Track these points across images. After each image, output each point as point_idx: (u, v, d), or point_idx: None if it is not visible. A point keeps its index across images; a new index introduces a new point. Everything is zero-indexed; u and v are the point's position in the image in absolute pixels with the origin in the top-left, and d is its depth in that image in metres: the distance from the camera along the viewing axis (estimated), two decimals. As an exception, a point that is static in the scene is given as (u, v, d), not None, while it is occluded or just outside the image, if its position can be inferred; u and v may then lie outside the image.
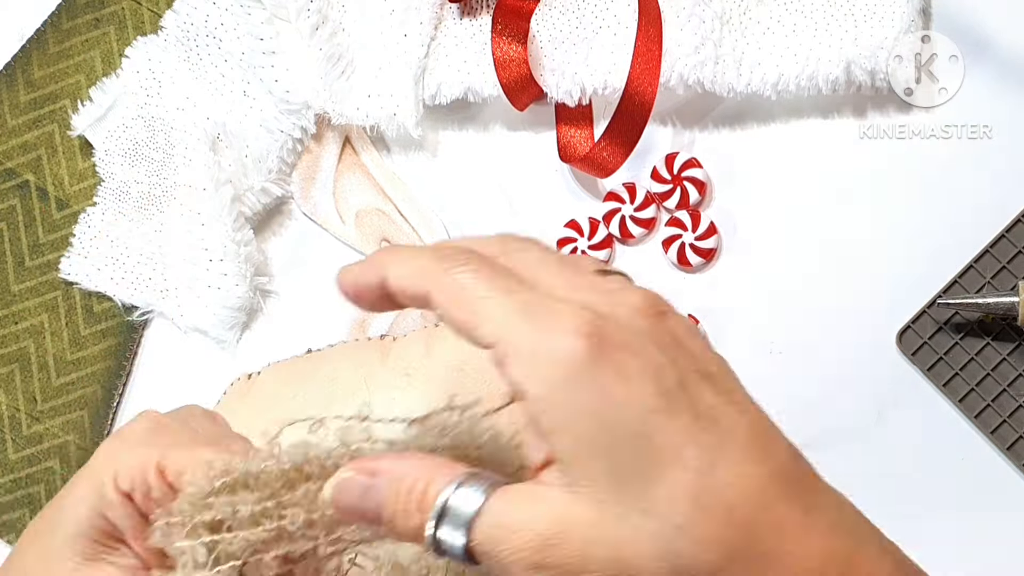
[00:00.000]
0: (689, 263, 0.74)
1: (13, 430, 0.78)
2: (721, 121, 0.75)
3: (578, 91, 0.74)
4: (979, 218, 0.72)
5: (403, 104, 0.75)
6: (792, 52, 0.72)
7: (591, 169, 0.74)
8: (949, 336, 0.72)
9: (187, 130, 0.77)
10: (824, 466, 0.72)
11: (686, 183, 0.74)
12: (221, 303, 0.75)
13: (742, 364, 0.73)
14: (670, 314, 0.43)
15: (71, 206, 0.79)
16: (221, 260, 0.75)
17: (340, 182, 0.77)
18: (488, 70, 0.74)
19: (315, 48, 0.75)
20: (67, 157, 0.79)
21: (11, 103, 0.80)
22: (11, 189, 0.80)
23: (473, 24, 0.76)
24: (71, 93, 0.80)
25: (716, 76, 0.72)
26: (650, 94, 0.71)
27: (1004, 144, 0.73)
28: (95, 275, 0.78)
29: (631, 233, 0.75)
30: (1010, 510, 0.70)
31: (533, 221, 0.76)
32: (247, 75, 0.77)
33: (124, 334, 0.78)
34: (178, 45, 0.78)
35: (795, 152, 0.74)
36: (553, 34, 0.75)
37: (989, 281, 0.72)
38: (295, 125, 0.76)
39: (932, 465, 0.71)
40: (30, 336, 0.78)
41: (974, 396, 0.71)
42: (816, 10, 0.73)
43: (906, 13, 0.72)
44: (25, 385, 0.78)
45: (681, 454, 0.40)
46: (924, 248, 0.73)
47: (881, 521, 0.73)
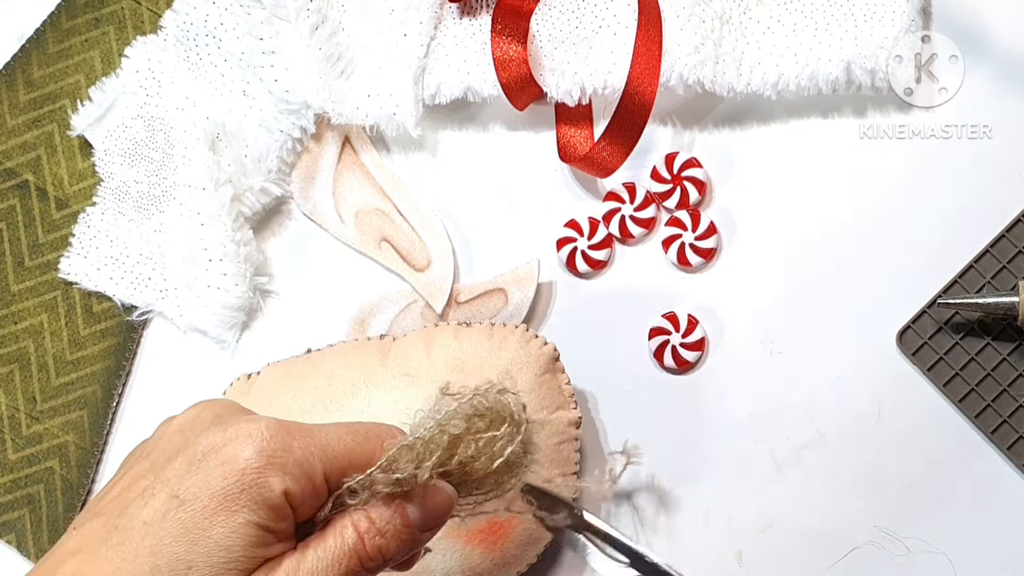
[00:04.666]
0: (689, 263, 0.74)
1: (13, 430, 0.78)
2: (721, 121, 0.75)
3: (578, 91, 0.74)
4: (979, 218, 0.72)
5: (403, 104, 0.75)
6: (792, 52, 0.72)
7: (591, 169, 0.74)
8: (949, 336, 0.72)
9: (187, 130, 0.77)
10: (824, 466, 0.73)
11: (686, 183, 0.74)
12: (221, 303, 0.75)
13: (742, 364, 0.73)
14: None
15: (71, 206, 0.79)
16: (221, 260, 0.75)
17: (339, 182, 0.77)
18: (488, 70, 0.74)
19: (314, 48, 0.75)
20: (67, 157, 0.79)
21: (11, 103, 0.80)
22: (11, 189, 0.80)
23: (473, 24, 0.76)
24: (71, 93, 0.80)
25: (716, 76, 0.72)
26: (650, 94, 0.71)
27: (1004, 144, 0.73)
28: (95, 275, 0.78)
29: (631, 233, 0.75)
30: (1010, 510, 0.70)
31: (533, 221, 0.76)
32: (247, 75, 0.77)
33: (124, 334, 0.78)
34: (178, 45, 0.78)
35: (795, 152, 0.74)
36: (553, 34, 0.75)
37: (989, 281, 0.72)
38: (294, 125, 0.76)
39: (932, 465, 0.71)
40: (30, 336, 0.78)
41: (974, 396, 0.71)
42: (816, 10, 0.73)
43: (906, 13, 0.72)
44: (25, 385, 0.78)
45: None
46: (924, 248, 0.73)
47: (881, 521, 0.74)
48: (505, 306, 0.74)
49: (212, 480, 0.46)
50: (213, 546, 0.46)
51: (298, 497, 0.47)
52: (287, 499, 0.47)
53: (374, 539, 0.49)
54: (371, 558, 0.49)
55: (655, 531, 0.73)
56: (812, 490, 0.72)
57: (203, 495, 0.46)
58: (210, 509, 0.46)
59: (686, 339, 0.73)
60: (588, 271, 0.75)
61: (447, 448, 0.50)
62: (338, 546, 0.48)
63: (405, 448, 0.50)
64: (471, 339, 0.71)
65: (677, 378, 0.74)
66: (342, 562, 0.48)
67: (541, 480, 0.69)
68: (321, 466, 0.48)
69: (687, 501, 0.73)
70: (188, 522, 0.46)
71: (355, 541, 0.49)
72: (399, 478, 0.49)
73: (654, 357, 0.74)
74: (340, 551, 0.48)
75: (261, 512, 0.46)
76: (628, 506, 0.73)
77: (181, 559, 0.46)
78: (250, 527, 0.46)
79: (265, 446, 0.47)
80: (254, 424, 0.48)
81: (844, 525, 0.71)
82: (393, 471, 0.49)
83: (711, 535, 0.72)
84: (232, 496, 0.46)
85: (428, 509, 0.50)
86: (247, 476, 0.46)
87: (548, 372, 0.71)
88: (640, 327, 0.74)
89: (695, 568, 0.72)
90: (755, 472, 0.72)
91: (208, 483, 0.46)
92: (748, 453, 0.73)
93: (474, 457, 0.51)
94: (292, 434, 0.48)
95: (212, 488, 0.46)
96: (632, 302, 0.74)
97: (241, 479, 0.46)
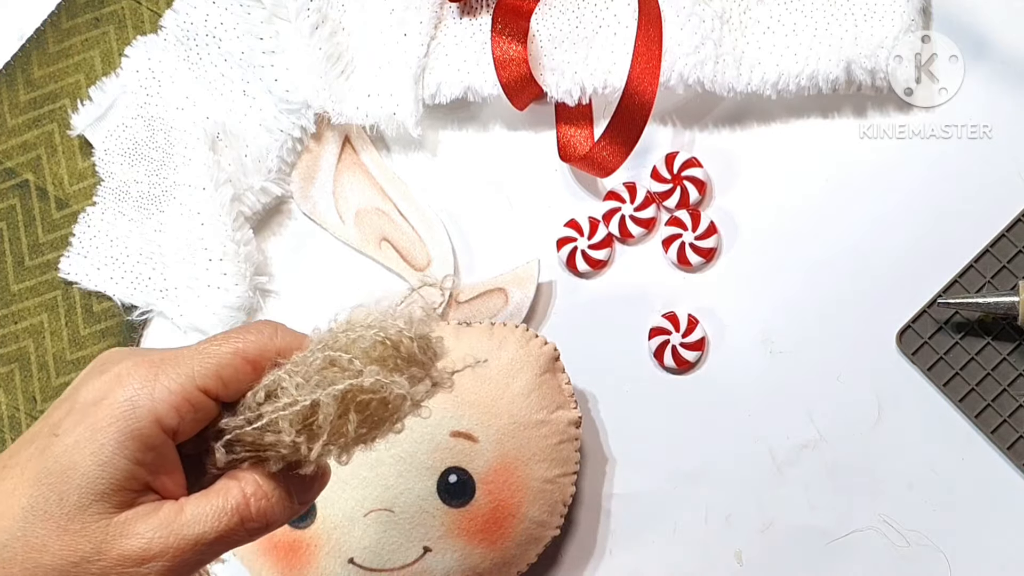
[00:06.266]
0: (689, 263, 0.74)
1: (13, 430, 0.78)
2: (721, 121, 0.75)
3: (578, 91, 0.74)
4: (979, 218, 0.72)
5: (403, 103, 0.75)
6: (792, 52, 0.72)
7: (591, 168, 0.74)
8: (949, 336, 0.72)
9: (187, 130, 0.77)
10: (824, 465, 0.73)
11: (686, 183, 0.74)
12: (221, 303, 0.75)
13: (742, 364, 0.73)
14: None
15: (71, 206, 0.79)
16: (221, 260, 0.75)
17: (340, 181, 0.77)
18: (488, 69, 0.74)
19: (315, 47, 0.75)
20: (67, 157, 0.79)
21: (11, 103, 0.80)
22: (11, 189, 0.80)
23: (473, 23, 0.76)
24: (71, 93, 0.80)
25: (716, 75, 0.72)
26: (650, 94, 0.71)
27: (1004, 144, 0.73)
28: (95, 275, 0.78)
29: (631, 233, 0.75)
30: (1010, 510, 0.70)
31: (533, 221, 0.76)
32: (247, 75, 0.77)
33: (124, 334, 0.78)
34: (178, 45, 0.78)
35: (795, 152, 0.74)
36: (553, 33, 0.75)
37: (989, 281, 0.72)
38: (295, 124, 0.76)
39: (932, 465, 0.71)
40: (30, 336, 0.78)
41: (974, 396, 0.71)
42: (816, 10, 0.73)
43: (906, 13, 0.72)
44: (25, 385, 0.78)
45: None
46: (924, 248, 0.73)
47: (881, 520, 0.74)
48: (505, 306, 0.74)
49: (85, 418, 0.48)
50: (82, 478, 0.48)
51: (172, 418, 0.49)
52: (159, 427, 0.49)
53: (260, 502, 0.50)
54: (254, 519, 0.50)
55: (655, 531, 0.73)
56: (812, 490, 0.72)
57: (76, 431, 0.48)
58: (81, 443, 0.48)
59: (686, 339, 0.73)
60: (588, 271, 0.75)
61: (338, 414, 0.49)
62: (222, 503, 0.50)
63: (286, 374, 0.50)
64: (471, 339, 0.71)
65: (677, 378, 0.74)
66: (222, 518, 0.49)
67: (541, 480, 0.69)
68: (195, 384, 0.49)
69: (687, 501, 0.73)
70: (61, 456, 0.48)
71: (239, 501, 0.50)
72: (286, 454, 0.49)
73: (654, 357, 0.74)
74: (223, 508, 0.49)
75: (129, 444, 0.48)
76: (628, 506, 0.73)
77: (54, 489, 0.48)
78: (118, 459, 0.48)
79: (130, 381, 0.49)
80: (123, 364, 0.50)
81: (844, 525, 0.71)
82: (270, 395, 0.50)
83: (711, 535, 0.72)
84: (100, 429, 0.48)
85: (309, 485, 0.52)
86: (114, 410, 0.48)
87: (548, 372, 0.71)
88: (640, 327, 0.74)
89: (695, 568, 0.72)
90: (755, 472, 0.72)
91: (81, 421, 0.48)
92: (748, 453, 0.72)
93: (368, 415, 0.50)
94: (156, 365, 0.49)
95: (84, 424, 0.48)
96: (632, 302, 0.74)
97: (110, 413, 0.48)
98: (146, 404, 0.48)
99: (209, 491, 0.50)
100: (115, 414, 0.48)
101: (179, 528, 0.49)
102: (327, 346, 0.50)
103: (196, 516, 0.49)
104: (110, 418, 0.48)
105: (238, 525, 0.50)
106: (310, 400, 0.49)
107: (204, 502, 0.49)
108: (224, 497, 0.50)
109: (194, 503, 0.49)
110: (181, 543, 0.48)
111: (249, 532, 0.50)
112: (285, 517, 0.51)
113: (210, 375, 0.50)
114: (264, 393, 0.50)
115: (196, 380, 0.49)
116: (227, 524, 0.49)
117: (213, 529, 0.49)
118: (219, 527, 0.49)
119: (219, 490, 0.50)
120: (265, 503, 0.50)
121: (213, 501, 0.50)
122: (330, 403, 0.49)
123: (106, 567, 0.48)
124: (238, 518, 0.50)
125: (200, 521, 0.49)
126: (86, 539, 0.48)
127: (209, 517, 0.49)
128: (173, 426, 0.49)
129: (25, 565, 0.48)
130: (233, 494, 0.50)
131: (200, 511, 0.49)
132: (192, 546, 0.49)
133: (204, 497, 0.50)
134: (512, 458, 0.69)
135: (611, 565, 0.73)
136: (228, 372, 0.50)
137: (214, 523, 0.49)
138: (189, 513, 0.49)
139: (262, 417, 0.49)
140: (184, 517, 0.49)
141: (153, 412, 0.48)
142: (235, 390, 0.50)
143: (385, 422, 0.50)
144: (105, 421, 0.48)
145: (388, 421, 0.50)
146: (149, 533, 0.48)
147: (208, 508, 0.49)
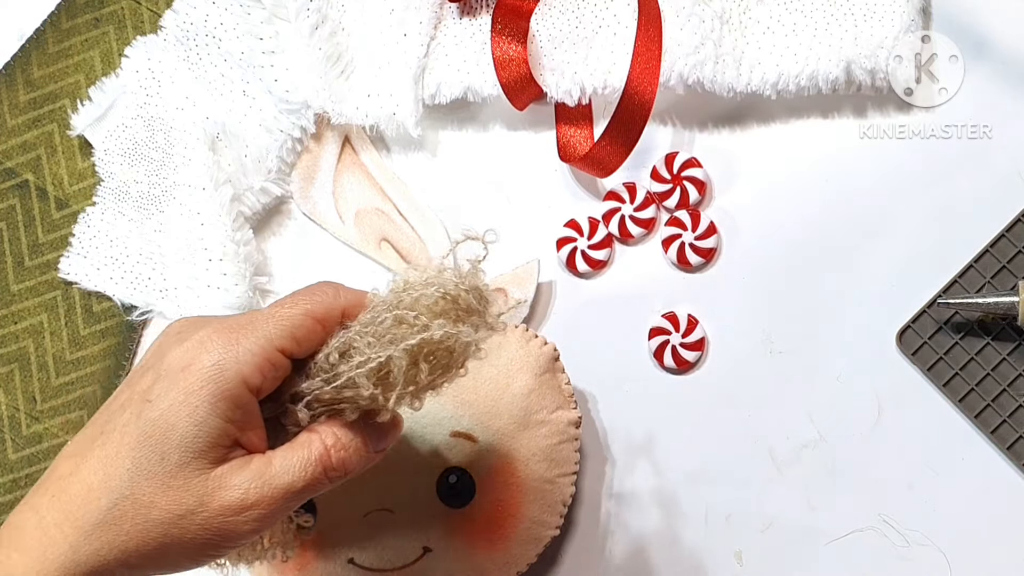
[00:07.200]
0: (689, 263, 0.74)
1: (13, 430, 0.78)
2: (721, 121, 0.75)
3: (578, 91, 0.74)
4: (979, 218, 0.72)
5: (403, 104, 0.75)
6: (792, 52, 0.72)
7: (591, 169, 0.74)
8: (949, 336, 0.72)
9: (186, 130, 0.77)
10: (824, 465, 0.73)
11: (686, 183, 0.74)
12: (221, 303, 0.75)
13: (742, 364, 0.73)
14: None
15: (71, 206, 0.79)
16: (220, 260, 0.75)
17: (339, 182, 0.77)
18: (488, 70, 0.74)
19: (314, 47, 0.75)
20: (67, 157, 0.79)
21: (11, 103, 0.80)
22: (10, 189, 0.80)
23: (473, 23, 0.76)
24: (70, 93, 0.80)
25: (716, 76, 0.72)
26: (650, 94, 0.71)
27: (1004, 144, 0.73)
28: (94, 275, 0.78)
29: (631, 233, 0.75)
30: (1010, 510, 0.70)
31: (533, 221, 0.76)
32: (247, 75, 0.77)
33: (123, 334, 0.78)
34: (178, 45, 0.78)
35: (795, 152, 0.74)
36: (553, 34, 0.75)
37: (989, 281, 0.72)
38: (294, 125, 0.76)
39: (932, 465, 0.71)
40: (29, 336, 0.78)
41: (974, 396, 0.71)
42: (816, 10, 0.73)
43: (906, 13, 0.72)
44: (24, 385, 0.78)
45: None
46: (924, 248, 0.73)
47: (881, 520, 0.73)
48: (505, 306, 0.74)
49: (176, 383, 0.53)
50: (180, 438, 0.52)
51: (256, 378, 0.53)
52: (246, 386, 0.53)
53: (339, 452, 0.55)
54: (335, 468, 0.55)
55: (655, 531, 0.73)
56: (812, 490, 0.72)
57: (169, 395, 0.52)
58: (176, 406, 0.52)
59: (686, 339, 0.73)
60: (588, 271, 0.75)
61: (409, 365, 0.54)
62: (306, 454, 0.54)
63: (356, 334, 0.55)
64: (471, 339, 0.71)
65: (677, 378, 0.74)
66: (307, 468, 0.54)
67: (541, 480, 0.69)
68: (273, 345, 0.54)
69: (687, 501, 0.73)
70: (158, 419, 0.52)
71: (321, 452, 0.55)
72: (363, 405, 0.55)
73: (654, 357, 0.74)
74: (307, 459, 0.54)
75: (220, 404, 0.52)
76: (628, 506, 0.73)
77: (156, 450, 0.52)
78: (212, 419, 0.52)
79: (214, 346, 0.53)
80: (203, 331, 0.54)
81: (844, 525, 0.71)
82: (344, 355, 0.55)
83: (711, 535, 0.72)
84: (193, 392, 0.52)
85: (384, 432, 0.57)
86: (204, 373, 0.53)
87: (548, 372, 0.71)
88: (640, 327, 0.74)
89: (695, 568, 0.72)
90: (755, 472, 0.72)
91: (173, 386, 0.53)
92: (748, 453, 0.72)
93: (436, 361, 0.55)
94: (236, 330, 0.54)
95: (176, 388, 0.53)
96: (632, 302, 0.74)
97: (200, 377, 0.52)
98: (232, 367, 0.53)
99: (294, 443, 0.55)
100: (205, 377, 0.52)
101: (271, 479, 0.53)
102: (392, 306, 0.55)
103: (285, 467, 0.54)
104: (201, 381, 0.52)
105: (321, 474, 0.55)
106: (385, 356, 0.53)
107: (291, 454, 0.54)
108: (308, 449, 0.54)
109: (281, 456, 0.54)
110: (274, 492, 0.53)
111: (331, 480, 0.55)
112: (362, 464, 0.56)
113: (286, 336, 0.54)
114: (338, 354, 0.55)
115: (274, 341, 0.54)
116: (312, 473, 0.54)
117: (301, 478, 0.54)
118: (306, 476, 0.54)
119: (303, 443, 0.55)
120: (344, 453, 0.55)
121: (299, 453, 0.54)
122: (403, 356, 0.53)
123: (208, 517, 0.53)
124: (321, 468, 0.54)
125: (289, 471, 0.54)
126: (189, 493, 0.52)
127: (296, 468, 0.54)
128: (257, 385, 0.54)
129: (135, 521, 0.52)
130: (315, 446, 0.55)
131: (288, 463, 0.54)
132: (283, 494, 0.54)
133: (290, 449, 0.54)
134: (512, 458, 0.69)
135: (611, 565, 0.73)
136: (301, 332, 0.55)
137: (301, 473, 0.54)
138: (278, 465, 0.54)
139: (339, 376, 0.54)
140: (274, 469, 0.54)
141: (239, 374, 0.53)
142: (307, 348, 0.55)
143: (452, 367, 0.56)
144: (197, 384, 0.52)
145: (454, 366, 0.56)
146: (245, 484, 0.53)
147: (295, 459, 0.54)
